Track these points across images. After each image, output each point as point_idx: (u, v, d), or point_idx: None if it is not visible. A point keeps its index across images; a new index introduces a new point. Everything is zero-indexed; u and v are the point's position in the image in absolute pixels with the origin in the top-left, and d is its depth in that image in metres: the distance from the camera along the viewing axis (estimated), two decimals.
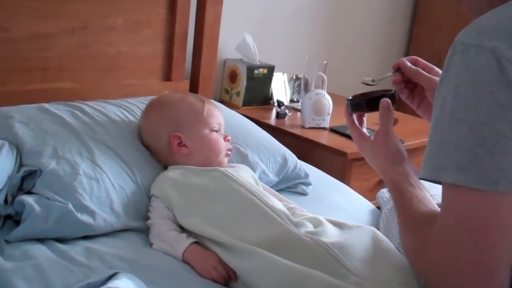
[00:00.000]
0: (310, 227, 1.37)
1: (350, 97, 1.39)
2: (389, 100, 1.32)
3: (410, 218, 1.14)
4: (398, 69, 1.41)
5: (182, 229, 1.42)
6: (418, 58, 1.41)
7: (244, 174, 1.56)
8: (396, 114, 2.86)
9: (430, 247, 1.01)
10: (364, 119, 1.43)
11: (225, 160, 1.65)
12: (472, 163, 0.90)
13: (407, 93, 1.44)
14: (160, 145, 1.61)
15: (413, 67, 1.39)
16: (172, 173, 1.54)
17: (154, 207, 1.48)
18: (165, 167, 1.61)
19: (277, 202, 1.47)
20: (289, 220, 1.36)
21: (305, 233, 1.31)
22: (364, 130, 1.40)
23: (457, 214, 0.95)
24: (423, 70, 1.38)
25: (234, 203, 1.42)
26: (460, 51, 0.94)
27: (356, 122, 1.41)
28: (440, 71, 1.37)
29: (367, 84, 1.50)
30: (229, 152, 1.66)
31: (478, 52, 0.91)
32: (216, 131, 1.63)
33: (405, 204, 1.17)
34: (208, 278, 1.27)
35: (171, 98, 1.67)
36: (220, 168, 1.54)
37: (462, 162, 0.91)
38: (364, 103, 1.38)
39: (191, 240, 1.35)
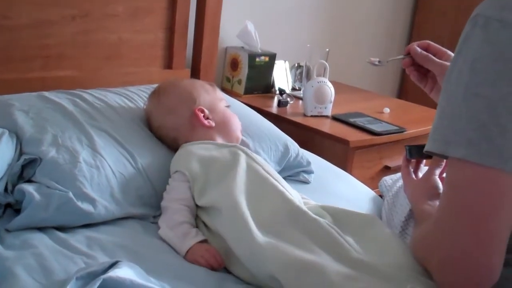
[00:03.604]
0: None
1: (410, 145, 1.44)
2: None
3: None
4: (409, 53, 1.41)
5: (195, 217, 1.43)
6: (431, 43, 1.40)
7: (258, 157, 1.58)
8: (400, 102, 2.89)
9: (431, 225, 1.02)
10: (422, 165, 1.45)
11: (241, 135, 1.71)
12: (483, 139, 0.90)
13: (417, 76, 1.44)
14: (181, 122, 1.62)
15: (423, 52, 1.39)
16: (195, 147, 1.55)
17: (172, 187, 1.47)
18: (175, 150, 1.59)
19: (286, 185, 1.48)
20: (298, 201, 1.40)
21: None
22: (419, 174, 1.43)
23: (457, 187, 0.95)
24: (435, 55, 1.38)
25: (253, 178, 1.43)
26: (482, 24, 0.92)
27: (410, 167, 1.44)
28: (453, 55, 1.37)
29: (373, 64, 1.51)
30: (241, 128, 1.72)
31: (502, 27, 0.90)
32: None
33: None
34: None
35: (182, 80, 1.75)
36: (240, 145, 1.57)
37: (474, 137, 0.90)
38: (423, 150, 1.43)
39: (198, 239, 1.34)
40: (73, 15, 1.99)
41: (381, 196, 1.78)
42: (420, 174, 1.41)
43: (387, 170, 2.28)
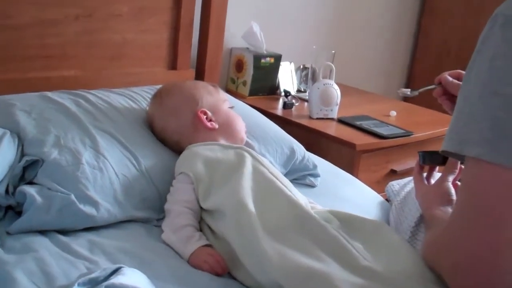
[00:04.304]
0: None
1: (423, 151, 1.43)
2: None
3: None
4: (440, 82, 1.42)
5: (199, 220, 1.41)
6: (462, 72, 1.41)
7: (265, 159, 1.56)
8: (406, 105, 2.87)
9: (443, 229, 1.01)
10: (435, 172, 1.44)
11: (245, 137, 1.69)
12: (500, 138, 0.88)
13: (449, 105, 1.43)
14: (183, 124, 1.60)
15: (455, 81, 1.39)
16: (201, 149, 1.53)
17: (176, 189, 1.45)
18: (178, 153, 1.57)
19: (293, 188, 1.46)
20: (306, 205, 1.38)
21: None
22: (432, 180, 1.42)
23: (471, 187, 0.93)
24: None
25: (258, 181, 1.41)
26: (501, 23, 0.91)
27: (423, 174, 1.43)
28: None
29: (405, 95, 1.54)
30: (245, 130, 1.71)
31: None
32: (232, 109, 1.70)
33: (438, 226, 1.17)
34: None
35: (185, 82, 1.74)
36: (245, 147, 1.55)
37: (490, 136, 0.89)
38: (438, 155, 1.40)
39: (201, 243, 1.32)
40: (77, 15, 1.97)
41: (387, 200, 1.76)
42: (433, 181, 1.39)
43: (394, 174, 2.25)
